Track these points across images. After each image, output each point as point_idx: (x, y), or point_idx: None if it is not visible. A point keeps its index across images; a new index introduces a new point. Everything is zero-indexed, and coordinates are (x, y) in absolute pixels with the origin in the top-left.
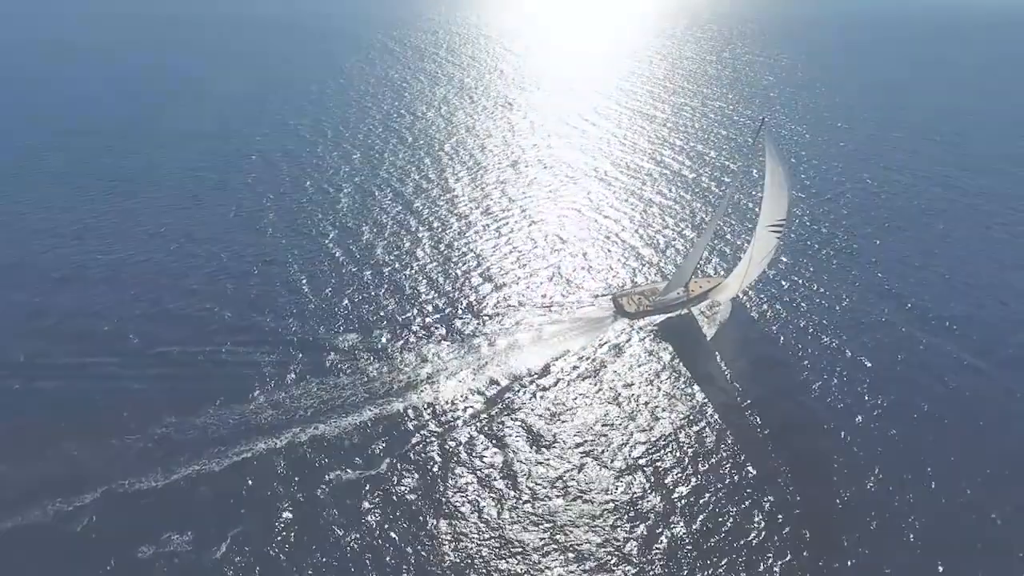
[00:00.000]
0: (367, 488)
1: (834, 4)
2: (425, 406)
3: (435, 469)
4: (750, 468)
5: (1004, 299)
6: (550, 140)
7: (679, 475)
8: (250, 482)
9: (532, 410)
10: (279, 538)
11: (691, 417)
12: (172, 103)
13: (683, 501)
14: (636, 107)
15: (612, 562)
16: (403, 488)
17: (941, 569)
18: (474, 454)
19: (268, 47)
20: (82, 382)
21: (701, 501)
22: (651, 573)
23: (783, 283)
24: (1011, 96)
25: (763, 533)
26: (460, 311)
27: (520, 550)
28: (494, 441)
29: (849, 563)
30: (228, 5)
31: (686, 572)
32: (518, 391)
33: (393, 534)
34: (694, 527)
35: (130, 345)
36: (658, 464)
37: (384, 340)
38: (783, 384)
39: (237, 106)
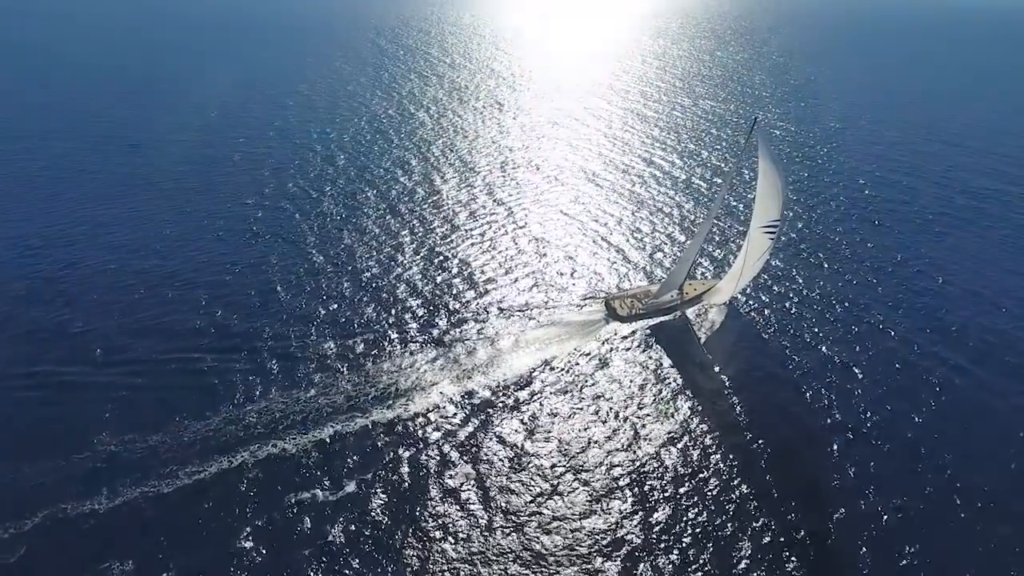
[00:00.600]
0: (332, 512)
1: (831, 1)
2: (397, 422)
3: (405, 490)
4: (737, 489)
5: (1004, 305)
6: (540, 142)
7: (662, 497)
8: (205, 505)
9: (511, 426)
10: (233, 568)
11: (677, 433)
12: (155, 106)
13: (666, 526)
14: (628, 107)
15: None
16: (370, 512)
17: None
18: (447, 475)
19: (260, 47)
20: (38, 396)
21: (685, 526)
22: None
23: (776, 288)
24: (1011, 96)
25: (750, 561)
26: (440, 319)
27: None
28: (469, 460)
29: None
30: (217, 5)
31: None
32: (497, 404)
33: (357, 563)
34: (675, 556)
35: (92, 357)
36: (640, 486)
37: (359, 350)
38: (775, 396)
39: (221, 108)
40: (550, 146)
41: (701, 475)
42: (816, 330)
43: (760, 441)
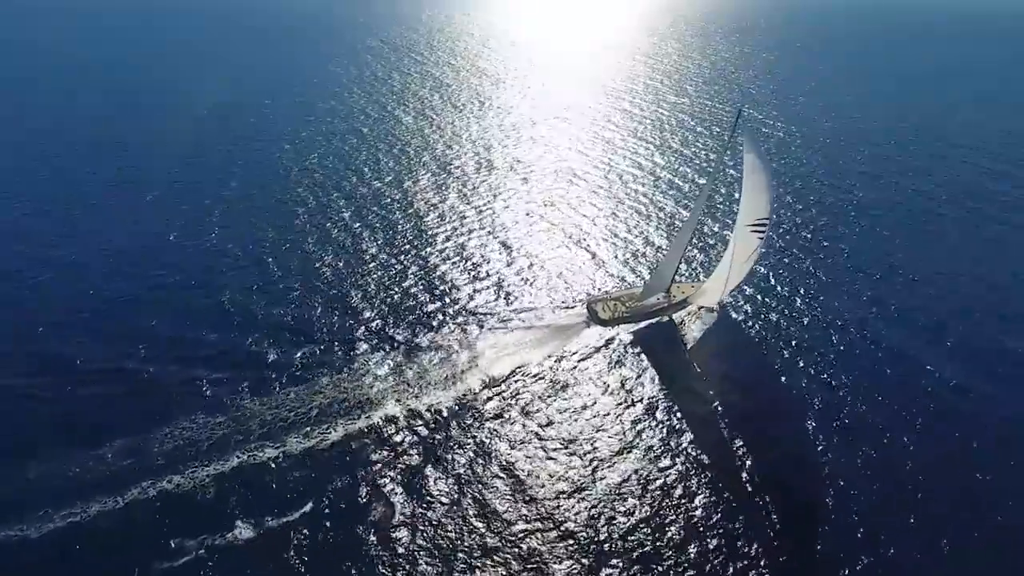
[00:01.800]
0: (238, 559)
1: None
2: (319, 450)
3: (327, 530)
4: (715, 520)
5: (1003, 312)
6: (519, 141)
7: (637, 530)
8: (76, 549)
9: (457, 457)
10: None
11: (649, 463)
12: (130, 111)
13: (641, 565)
14: (613, 104)
15: None
16: (285, 556)
17: None
18: (376, 514)
19: (253, 48)
20: None
21: (656, 566)
22: None
23: (761, 297)
24: (1009, 94)
25: None
26: (403, 327)
27: None
28: (405, 497)
29: None
30: (213, 6)
31: None
32: (446, 428)
33: None
34: None
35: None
36: (615, 522)
37: (298, 367)
38: (766, 414)
39: (203, 110)
40: (532, 145)
41: (671, 510)
42: (804, 341)
43: (747, 472)
